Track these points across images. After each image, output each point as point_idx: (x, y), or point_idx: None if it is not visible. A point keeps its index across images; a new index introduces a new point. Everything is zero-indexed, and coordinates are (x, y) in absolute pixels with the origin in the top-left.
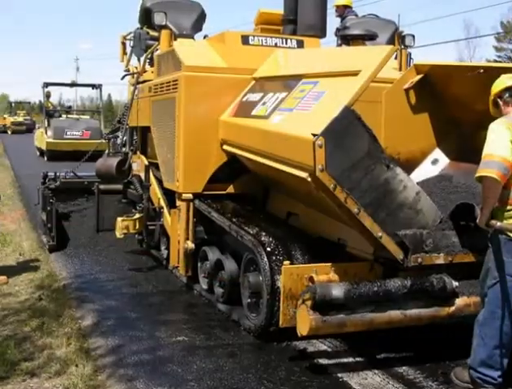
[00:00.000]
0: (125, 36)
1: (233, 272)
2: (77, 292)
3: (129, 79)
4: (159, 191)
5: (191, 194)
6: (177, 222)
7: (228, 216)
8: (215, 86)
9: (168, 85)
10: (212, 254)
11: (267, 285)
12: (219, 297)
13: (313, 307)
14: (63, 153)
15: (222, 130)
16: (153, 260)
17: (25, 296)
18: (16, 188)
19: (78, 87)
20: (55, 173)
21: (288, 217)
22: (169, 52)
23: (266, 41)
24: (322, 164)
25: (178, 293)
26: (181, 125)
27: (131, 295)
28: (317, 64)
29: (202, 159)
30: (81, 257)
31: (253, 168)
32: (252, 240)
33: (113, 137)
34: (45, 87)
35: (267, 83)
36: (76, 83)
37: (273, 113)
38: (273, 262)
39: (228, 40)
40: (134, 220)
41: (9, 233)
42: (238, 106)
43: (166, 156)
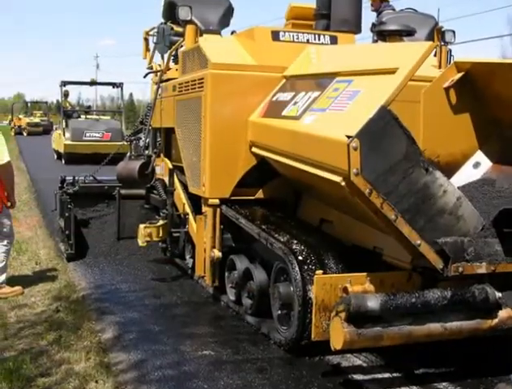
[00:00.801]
0: (149, 31)
1: (263, 282)
2: (97, 303)
3: (152, 78)
4: (184, 196)
5: (218, 200)
6: (202, 229)
7: (257, 223)
8: (244, 85)
9: (193, 84)
10: (240, 263)
11: (299, 296)
12: (248, 309)
13: (347, 319)
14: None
15: (251, 131)
16: (177, 269)
17: (41, 307)
18: (32, 193)
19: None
20: (73, 177)
21: (320, 224)
22: (195, 48)
23: (297, 37)
24: (357, 168)
25: (204, 305)
26: (208, 126)
27: (154, 306)
28: (352, 61)
29: (230, 162)
30: (101, 266)
31: (283, 171)
32: (282, 248)
33: (135, 139)
34: (63, 86)
35: (299, 81)
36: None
37: (305, 113)
38: (305, 272)
39: (258, 36)
40: (157, 227)
41: (24, 241)
42: (268, 106)
43: (191, 159)
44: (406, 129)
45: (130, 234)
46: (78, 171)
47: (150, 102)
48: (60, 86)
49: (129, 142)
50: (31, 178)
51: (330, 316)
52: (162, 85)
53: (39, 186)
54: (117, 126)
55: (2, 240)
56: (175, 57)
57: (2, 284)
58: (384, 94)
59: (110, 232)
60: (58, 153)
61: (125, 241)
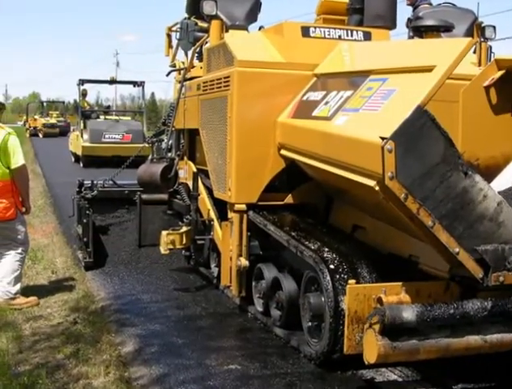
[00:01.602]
0: (171, 27)
1: (292, 292)
2: (116, 314)
3: (175, 76)
4: (208, 202)
5: (245, 205)
6: (228, 236)
7: (287, 230)
8: (272, 83)
9: (218, 82)
10: (268, 273)
11: (330, 307)
12: (277, 321)
13: (381, 332)
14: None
15: (279, 132)
16: (202, 279)
17: (58, 319)
18: (48, 198)
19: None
20: (92, 181)
21: (353, 231)
22: (220, 45)
23: (329, 33)
24: (392, 172)
25: (230, 316)
26: (234, 127)
27: (177, 318)
28: (387, 59)
29: (258, 165)
30: (121, 275)
31: (314, 175)
32: (313, 256)
33: (157, 141)
34: (81, 85)
35: (330, 80)
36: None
37: (336, 113)
38: (337, 281)
39: (287, 31)
40: (180, 234)
41: (40, 249)
42: (297, 106)
43: (217, 161)
44: (443, 130)
45: (152, 241)
46: (96, 175)
47: (173, 102)
48: (78, 85)
49: (150, 144)
50: (47, 182)
51: (363, 328)
52: (185, 84)
53: (55, 191)
54: (138, 127)
55: (16, 248)
56: (199, 54)
57: (16, 294)
58: (420, 93)
59: (131, 240)
60: (76, 156)
61: (146, 249)
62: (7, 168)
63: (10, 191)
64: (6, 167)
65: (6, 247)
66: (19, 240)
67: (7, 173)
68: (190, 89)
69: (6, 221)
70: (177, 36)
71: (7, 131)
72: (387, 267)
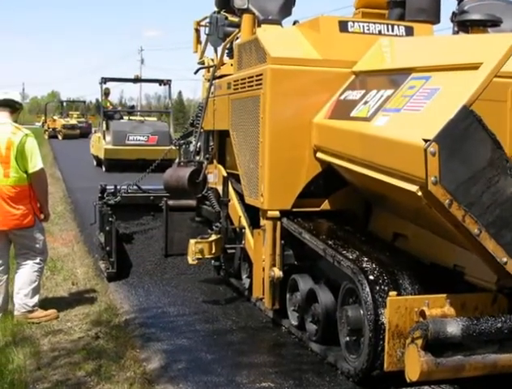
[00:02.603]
0: (200, 21)
1: (329, 305)
2: (141, 329)
3: (203, 74)
4: (239, 208)
5: (278, 212)
6: (261, 245)
7: (323, 238)
8: (308, 81)
9: (250, 80)
10: (304, 284)
11: (370, 321)
12: (312, 335)
13: (424, 347)
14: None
15: (315, 134)
16: (233, 291)
17: (79, 333)
18: (68, 204)
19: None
20: (115, 186)
21: (394, 239)
22: (252, 41)
23: (368, 28)
24: (436, 176)
25: (263, 330)
26: (267, 128)
27: (206, 332)
28: (430, 55)
29: (292, 169)
30: (146, 287)
31: (352, 180)
32: (351, 266)
33: (185, 143)
34: (103, 83)
35: (370, 78)
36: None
37: (376, 114)
38: (377, 293)
39: (323, 26)
40: (209, 243)
41: (60, 258)
42: (335, 106)
43: (248, 165)
44: (491, 131)
45: (179, 251)
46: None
47: (201, 101)
48: (100, 83)
49: (177, 146)
50: (67, 187)
51: (405, 343)
52: (215, 82)
53: (76, 197)
54: (165, 129)
55: (34, 257)
56: (230, 50)
57: (34, 307)
58: (466, 92)
59: (156, 249)
60: (98, 159)
61: (173, 259)
62: (25, 172)
63: (28, 197)
64: (24, 171)
65: (23, 257)
66: (37, 249)
67: (25, 178)
68: (220, 88)
69: (23, 229)
70: (205, 32)
71: (24, 133)
72: (430, 277)
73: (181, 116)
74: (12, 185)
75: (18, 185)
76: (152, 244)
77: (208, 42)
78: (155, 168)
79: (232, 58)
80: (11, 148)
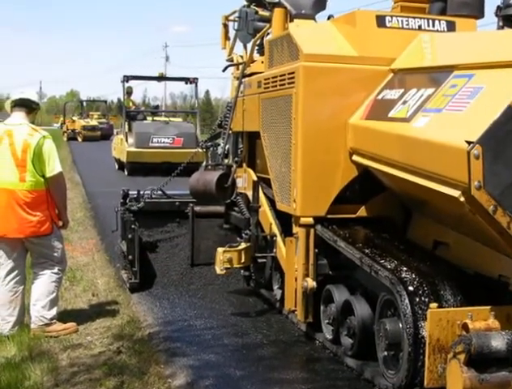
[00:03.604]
0: (228, 16)
1: (366, 318)
2: (166, 343)
3: (232, 72)
4: (270, 214)
5: (312, 219)
6: (293, 254)
7: (359, 246)
8: (343, 80)
9: (282, 79)
10: (339, 295)
11: (409, 334)
12: (348, 350)
13: (467, 362)
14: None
15: (351, 136)
16: (263, 303)
17: (100, 348)
18: (88, 210)
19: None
20: (138, 192)
21: (435, 247)
22: (284, 36)
23: (407, 23)
24: (479, 180)
25: (295, 345)
26: (299, 129)
27: (235, 347)
28: (473, 52)
29: (327, 173)
30: (171, 298)
31: (390, 185)
32: (390, 276)
33: (213, 145)
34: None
35: (409, 76)
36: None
37: (416, 114)
38: (416, 305)
39: (360, 21)
40: (238, 252)
41: (79, 268)
42: (372, 106)
43: (280, 169)
44: None
45: (206, 260)
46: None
47: (230, 101)
48: (122, 82)
49: (205, 149)
50: (87, 192)
51: (446, 358)
52: (244, 81)
53: (96, 202)
54: (191, 130)
55: (52, 267)
56: (260, 46)
57: (52, 319)
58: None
59: (182, 258)
60: (120, 162)
61: (200, 269)
62: (42, 176)
63: (46, 203)
64: (41, 175)
65: (40, 266)
66: (55, 258)
67: (42, 182)
68: (250, 87)
69: (40, 237)
70: (234, 27)
71: (42, 135)
72: (473, 288)
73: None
74: (29, 190)
75: (35, 190)
76: (178, 253)
77: (237, 38)
78: (181, 172)
79: (263, 55)
80: (28, 151)
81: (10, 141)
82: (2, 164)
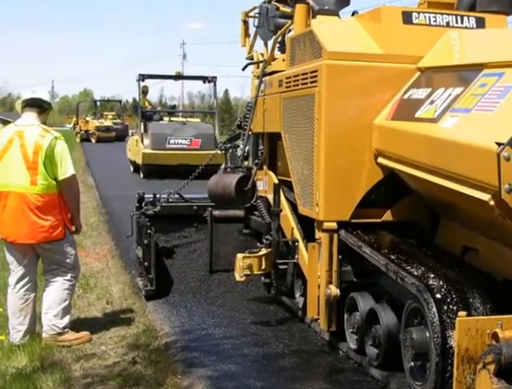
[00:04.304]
0: (248, 12)
1: (391, 327)
2: (183, 353)
3: (252, 70)
4: (292, 219)
5: (335, 223)
6: (316, 260)
7: (385, 252)
8: (368, 78)
9: (304, 77)
10: (363, 303)
11: (437, 344)
12: (373, 360)
13: (497, 373)
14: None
15: (376, 137)
16: (285, 311)
17: (114, 358)
18: (102, 214)
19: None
20: (154, 195)
21: (463, 253)
22: (306, 34)
23: (435, 19)
24: (510, 183)
25: (318, 355)
26: (322, 130)
27: (255, 357)
28: (504, 50)
29: (351, 176)
30: (189, 306)
31: (417, 188)
32: (416, 284)
33: (232, 147)
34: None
35: (437, 74)
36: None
37: (444, 114)
38: (444, 314)
39: (385, 17)
40: (259, 258)
41: (93, 275)
42: (398, 105)
43: (302, 171)
44: None
45: (225, 266)
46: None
47: (250, 101)
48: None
49: (223, 150)
50: (100, 196)
51: (475, 369)
52: (265, 79)
53: (111, 206)
54: (209, 131)
55: (64, 274)
56: (281, 44)
57: (64, 328)
58: None
59: (200, 264)
60: (135, 164)
61: (218, 275)
62: (54, 179)
63: (58, 207)
64: (53, 178)
65: (52, 273)
66: (67, 264)
67: (54, 186)
68: (271, 86)
69: (52, 242)
70: (255, 23)
71: (54, 136)
72: (504, 296)
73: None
74: (40, 193)
75: (46, 193)
76: (195, 259)
77: (257, 35)
78: (199, 175)
79: (284, 53)
80: (39, 153)
81: (20, 142)
82: (12, 166)
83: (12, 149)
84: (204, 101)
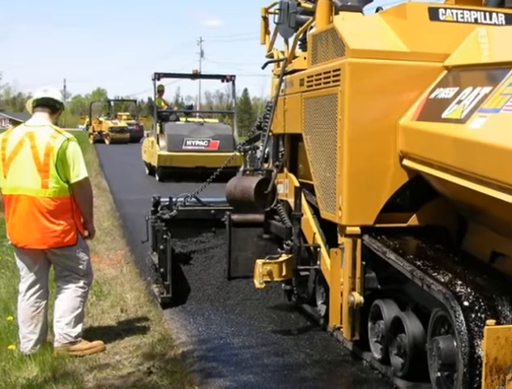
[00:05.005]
0: (268, 8)
1: (417, 335)
2: (200, 363)
3: (273, 69)
4: (314, 224)
5: (359, 228)
6: (339, 266)
7: (410, 258)
8: (392, 77)
9: (326, 76)
10: (388, 311)
11: (464, 353)
12: (398, 370)
13: None
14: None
15: (401, 138)
16: (306, 319)
17: (129, 368)
18: (116, 219)
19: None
20: (170, 199)
21: (492, 259)
22: (328, 30)
23: (462, 16)
24: None
25: (341, 365)
26: (345, 131)
27: (276, 367)
28: None
29: (375, 179)
30: (206, 314)
31: (444, 191)
32: (443, 291)
33: (251, 148)
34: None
35: (464, 73)
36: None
37: (472, 115)
38: (472, 322)
39: (411, 14)
40: (279, 264)
41: (107, 282)
42: (424, 105)
43: (324, 174)
44: None
45: (244, 273)
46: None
47: (270, 101)
48: (153, 79)
49: (243, 152)
50: (115, 200)
51: (504, 379)
52: (286, 78)
53: (125, 210)
54: (227, 132)
55: (77, 280)
56: (302, 41)
57: (77, 337)
58: None
59: (218, 270)
60: (150, 167)
61: (237, 282)
62: (66, 182)
63: (70, 211)
64: (65, 181)
65: (64, 280)
66: (80, 271)
67: (66, 189)
68: (291, 85)
69: (64, 248)
70: (275, 20)
71: (66, 137)
72: None
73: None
74: (52, 197)
75: (58, 197)
76: (213, 265)
77: (278, 32)
78: (217, 178)
79: (306, 51)
80: (51, 155)
81: (31, 144)
82: (23, 168)
83: (23, 151)
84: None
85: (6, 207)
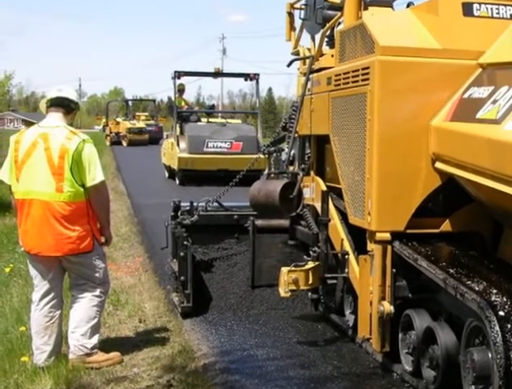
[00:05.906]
0: (294, 3)
1: (450, 347)
2: (223, 375)
3: (299, 67)
4: (342, 229)
5: (389, 234)
6: (368, 274)
7: (443, 266)
8: (424, 76)
9: (355, 75)
10: (419, 321)
11: (500, 366)
12: (430, 383)
13: None
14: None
15: (434, 140)
16: (333, 329)
17: (147, 381)
18: (134, 224)
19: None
20: (191, 203)
21: None
22: (357, 27)
23: (498, 11)
24: None
25: (370, 377)
26: (375, 132)
27: (302, 380)
28: None
29: (406, 182)
30: (229, 325)
31: (478, 195)
32: (478, 300)
33: (276, 150)
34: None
35: (500, 71)
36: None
37: (508, 115)
38: (508, 333)
39: (443, 9)
40: (305, 272)
41: (124, 290)
42: (457, 105)
43: (353, 177)
44: None
45: (269, 281)
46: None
47: (296, 100)
48: (173, 78)
49: (267, 154)
50: (133, 204)
51: None
52: (312, 77)
53: (144, 215)
54: (251, 133)
55: (93, 289)
56: (330, 38)
57: (93, 349)
58: None
59: (241, 279)
60: (170, 170)
61: (261, 291)
62: (82, 186)
63: (86, 216)
64: (81, 184)
65: (80, 289)
66: (96, 279)
67: (82, 193)
68: (318, 84)
69: (80, 255)
70: (301, 16)
71: (82, 138)
72: None
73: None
74: (66, 201)
75: (73, 201)
76: (236, 273)
77: (304, 28)
78: (240, 181)
79: (333, 48)
80: (65, 157)
81: (45, 145)
82: (36, 171)
83: (36, 153)
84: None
85: (19, 212)
